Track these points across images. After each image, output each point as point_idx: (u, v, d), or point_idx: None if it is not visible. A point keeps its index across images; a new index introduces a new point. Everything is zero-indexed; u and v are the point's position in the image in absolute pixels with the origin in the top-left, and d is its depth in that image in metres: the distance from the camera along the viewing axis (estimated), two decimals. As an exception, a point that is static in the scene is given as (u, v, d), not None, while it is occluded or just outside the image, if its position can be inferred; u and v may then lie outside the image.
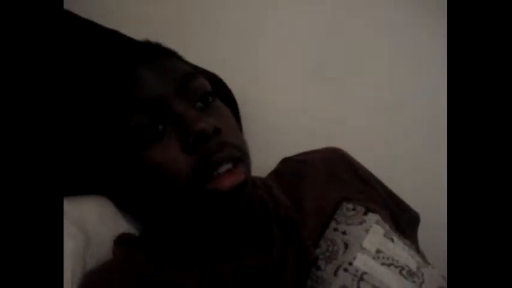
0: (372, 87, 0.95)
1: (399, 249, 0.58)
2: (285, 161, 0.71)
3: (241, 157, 0.53)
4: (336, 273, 0.55)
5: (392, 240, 0.59)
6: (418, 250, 0.68)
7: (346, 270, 0.55)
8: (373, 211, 0.61)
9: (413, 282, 0.55)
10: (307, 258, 0.56)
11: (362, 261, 0.56)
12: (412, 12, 1.00)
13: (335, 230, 0.59)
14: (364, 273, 0.55)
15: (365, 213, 0.60)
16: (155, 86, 0.54)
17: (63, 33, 0.64)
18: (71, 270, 0.50)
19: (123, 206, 0.60)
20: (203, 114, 0.54)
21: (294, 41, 0.94)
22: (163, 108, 0.53)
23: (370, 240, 0.58)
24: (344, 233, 0.58)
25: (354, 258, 0.56)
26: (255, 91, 0.88)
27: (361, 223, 0.59)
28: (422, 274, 0.57)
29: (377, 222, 0.60)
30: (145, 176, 0.53)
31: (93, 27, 0.71)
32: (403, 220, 0.68)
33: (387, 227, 0.60)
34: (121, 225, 0.59)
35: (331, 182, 0.65)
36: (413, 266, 0.57)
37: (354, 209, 0.61)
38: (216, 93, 0.59)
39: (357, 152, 0.71)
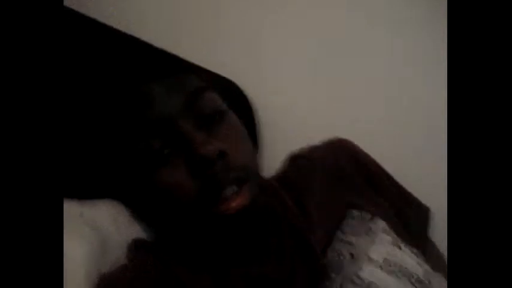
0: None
1: (407, 257, 0.58)
2: (292, 160, 0.71)
3: (247, 177, 0.54)
4: (342, 285, 0.55)
5: (399, 248, 0.59)
6: (431, 248, 0.68)
7: (352, 281, 0.55)
8: (379, 216, 0.61)
9: (422, 290, 0.55)
10: (317, 268, 0.57)
11: (369, 272, 0.56)
12: (413, 10, 0.97)
13: (341, 240, 0.59)
14: (371, 282, 0.55)
15: (371, 219, 0.61)
16: (164, 105, 0.54)
17: (77, 37, 0.66)
18: (86, 273, 0.52)
19: (136, 214, 0.61)
20: (211, 134, 0.54)
21: (296, 41, 0.93)
22: (170, 129, 0.54)
23: (377, 250, 0.58)
24: (350, 243, 0.59)
25: (361, 269, 0.56)
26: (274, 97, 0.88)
27: (367, 233, 0.60)
28: (430, 282, 0.57)
29: (384, 231, 0.60)
30: (155, 195, 0.55)
31: (110, 32, 0.71)
32: (412, 216, 0.67)
33: (394, 234, 0.60)
34: (135, 230, 0.60)
35: (338, 186, 0.65)
36: (421, 274, 0.57)
37: (360, 216, 0.61)
38: (230, 101, 0.60)
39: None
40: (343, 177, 0.66)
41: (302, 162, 0.70)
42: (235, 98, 0.71)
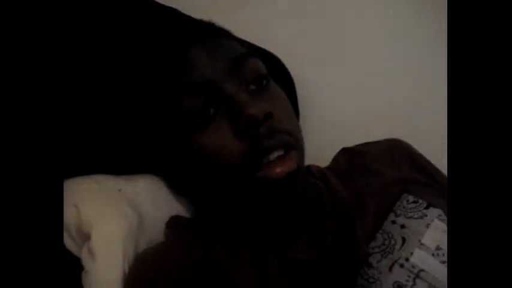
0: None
1: None
2: (344, 151, 0.68)
3: (294, 143, 0.52)
4: (391, 268, 0.52)
5: None
6: None
7: (402, 266, 0.52)
8: (435, 205, 0.57)
9: (475, 283, 0.52)
10: (358, 256, 0.54)
11: (420, 258, 0.53)
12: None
13: (393, 222, 0.56)
14: (421, 270, 0.52)
15: (426, 207, 0.57)
16: (207, 68, 0.53)
17: (117, 9, 0.65)
18: (124, 249, 0.52)
19: (176, 187, 0.60)
20: (255, 97, 0.52)
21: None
22: (214, 91, 0.52)
23: (431, 236, 0.54)
24: (403, 226, 0.55)
25: (411, 254, 0.53)
26: (314, 73, 0.86)
27: (421, 217, 0.56)
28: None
29: (439, 217, 0.56)
30: (196, 160, 0.53)
31: (148, 3, 0.70)
32: None
33: None
34: (173, 206, 0.60)
35: (391, 173, 0.61)
36: None
37: (415, 202, 0.58)
38: (272, 74, 0.57)
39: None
40: (398, 167, 0.63)
41: (354, 152, 0.67)
42: (276, 71, 0.68)
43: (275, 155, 0.50)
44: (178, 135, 0.54)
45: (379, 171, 0.62)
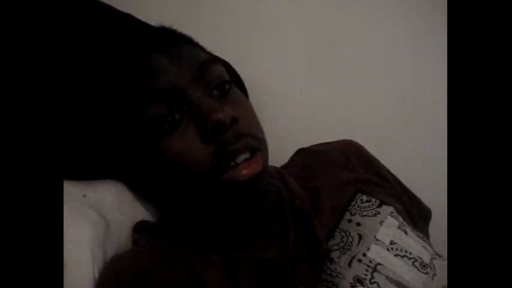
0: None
1: (412, 241, 0.59)
2: (300, 152, 0.72)
3: (259, 146, 0.54)
4: (350, 264, 0.55)
5: (405, 232, 0.59)
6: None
7: (360, 261, 0.56)
8: (387, 204, 0.61)
9: (427, 273, 0.56)
10: (320, 252, 0.57)
11: (376, 252, 0.56)
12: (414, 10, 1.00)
13: (349, 221, 0.59)
14: (378, 264, 0.55)
15: (379, 206, 0.61)
16: (171, 74, 0.53)
17: (76, 15, 0.63)
18: (92, 255, 0.51)
19: (140, 191, 0.60)
20: (221, 102, 0.54)
21: (296, 36, 0.94)
22: (180, 97, 0.53)
23: (384, 232, 0.58)
24: (358, 224, 0.59)
25: (368, 249, 0.56)
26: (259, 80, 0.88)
27: (375, 215, 0.60)
28: (435, 266, 0.58)
29: (391, 215, 0.60)
30: (162, 166, 0.53)
31: (108, 10, 0.70)
32: (415, 215, 0.68)
33: (401, 219, 0.60)
34: (138, 211, 0.59)
35: (346, 174, 0.65)
36: (426, 258, 0.58)
37: (368, 201, 0.61)
38: (233, 80, 0.59)
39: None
40: (351, 167, 0.66)
41: (310, 152, 0.70)
42: (233, 78, 0.70)
43: (242, 157, 0.51)
44: (143, 141, 0.54)
45: (334, 172, 0.65)
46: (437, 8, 0.94)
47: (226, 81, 0.56)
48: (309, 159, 0.69)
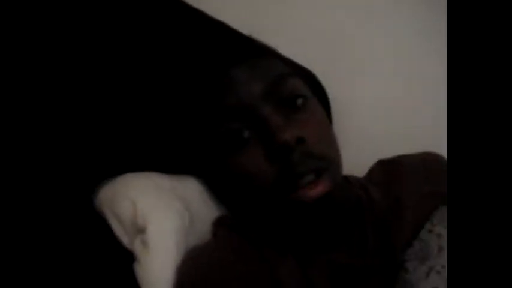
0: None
1: None
2: (381, 163, 0.71)
3: (326, 166, 0.53)
4: (428, 274, 0.54)
5: None
6: None
7: (438, 273, 0.54)
8: None
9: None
10: (395, 261, 0.56)
11: None
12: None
13: (430, 231, 0.58)
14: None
15: None
16: (243, 91, 0.54)
17: (162, 21, 0.68)
18: (177, 245, 0.54)
19: (217, 197, 0.63)
20: (290, 119, 0.53)
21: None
22: (249, 114, 0.54)
23: None
24: (439, 236, 0.58)
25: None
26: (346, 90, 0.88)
27: (457, 227, 0.58)
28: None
29: None
30: (232, 181, 0.56)
31: (199, 15, 0.72)
32: None
33: None
34: (221, 208, 0.62)
35: (428, 185, 0.63)
36: None
37: None
38: (311, 92, 0.59)
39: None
40: (434, 179, 0.64)
41: (391, 163, 0.69)
42: (313, 88, 0.70)
43: (307, 179, 0.51)
44: (216, 155, 0.56)
45: (416, 183, 0.64)
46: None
47: (298, 96, 0.56)
48: (390, 169, 0.68)
